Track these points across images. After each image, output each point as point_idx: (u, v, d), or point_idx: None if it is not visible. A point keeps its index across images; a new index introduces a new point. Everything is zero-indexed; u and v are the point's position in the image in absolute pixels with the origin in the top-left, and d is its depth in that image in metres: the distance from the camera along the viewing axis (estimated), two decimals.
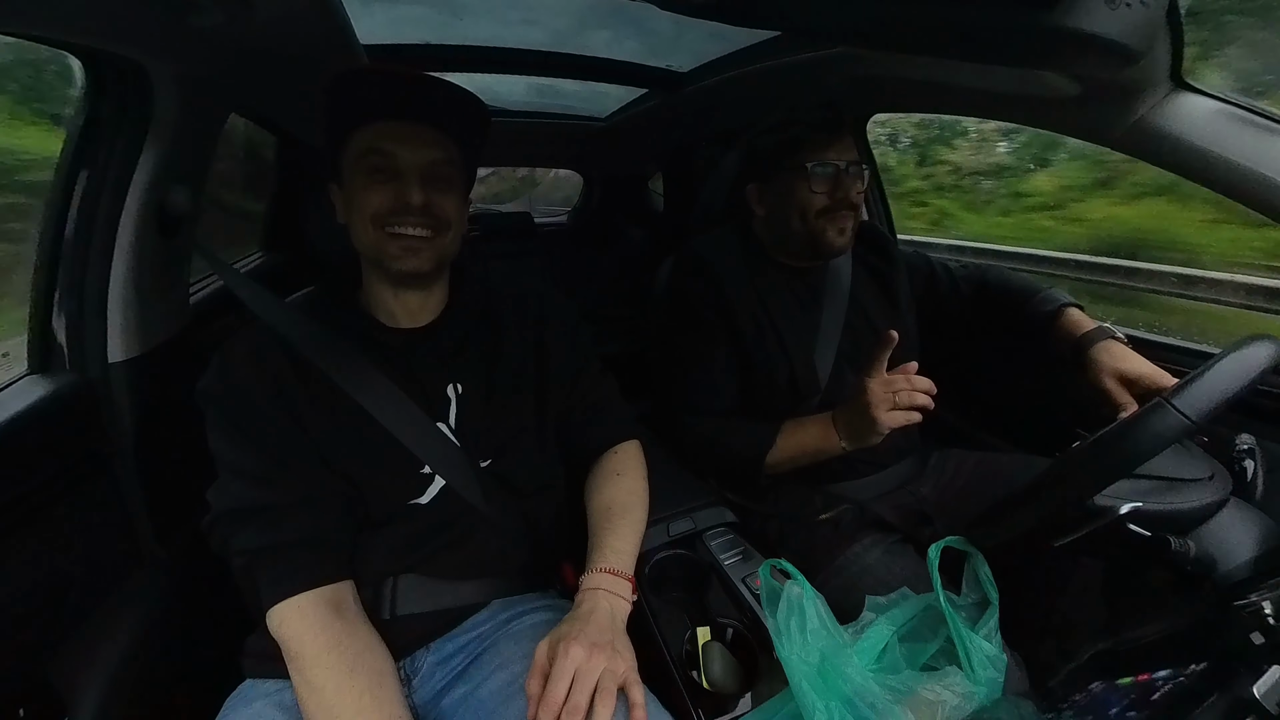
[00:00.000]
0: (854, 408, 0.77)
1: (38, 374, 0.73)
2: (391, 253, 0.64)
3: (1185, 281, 2.10)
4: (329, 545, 0.63)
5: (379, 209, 0.63)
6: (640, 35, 1.40)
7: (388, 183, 0.63)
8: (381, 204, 0.63)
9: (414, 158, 0.63)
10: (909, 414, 0.72)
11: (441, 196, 0.65)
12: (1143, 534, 0.55)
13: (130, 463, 0.77)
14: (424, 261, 0.66)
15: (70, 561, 0.70)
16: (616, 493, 0.76)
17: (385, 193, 0.63)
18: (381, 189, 0.63)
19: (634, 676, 0.55)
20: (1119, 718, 0.43)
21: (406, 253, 0.64)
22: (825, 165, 0.85)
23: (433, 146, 0.64)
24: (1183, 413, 0.52)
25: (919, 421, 0.73)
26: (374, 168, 0.63)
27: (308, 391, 0.65)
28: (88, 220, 0.72)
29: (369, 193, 0.63)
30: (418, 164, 0.63)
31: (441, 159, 0.65)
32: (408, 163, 0.63)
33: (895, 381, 0.73)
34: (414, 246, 0.64)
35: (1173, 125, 0.74)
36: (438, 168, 0.65)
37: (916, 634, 0.67)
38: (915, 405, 0.72)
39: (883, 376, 0.74)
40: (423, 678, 0.66)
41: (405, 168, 0.63)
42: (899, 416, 0.72)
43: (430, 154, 0.64)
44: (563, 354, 0.79)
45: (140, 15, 0.58)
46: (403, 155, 0.63)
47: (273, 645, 0.59)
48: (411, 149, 0.63)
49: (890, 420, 0.72)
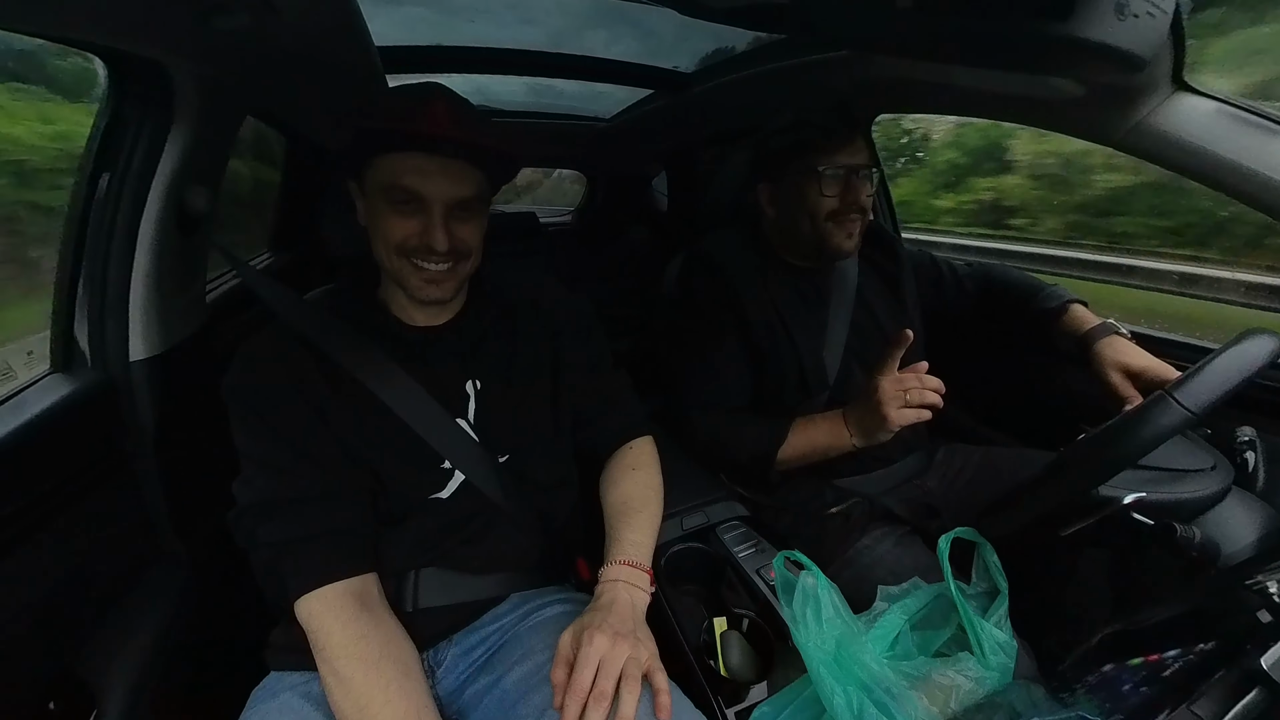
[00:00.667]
0: (865, 405, 0.78)
1: (60, 373, 0.74)
2: (414, 284, 0.65)
3: (1186, 280, 2.13)
4: (354, 538, 0.64)
5: (404, 243, 0.63)
6: (644, 36, 1.41)
7: (412, 216, 0.63)
8: (407, 239, 0.63)
9: (441, 195, 0.62)
10: (920, 412, 0.73)
11: (464, 227, 0.65)
12: (1147, 522, 0.57)
13: (151, 460, 0.78)
14: (446, 291, 0.67)
15: (94, 557, 0.71)
16: (633, 487, 0.77)
17: (410, 226, 0.63)
18: (406, 222, 0.63)
19: (657, 664, 0.56)
20: (1131, 695, 0.44)
21: (429, 284, 0.65)
22: (836, 169, 0.86)
23: (461, 183, 0.63)
24: (1184, 405, 0.53)
25: (929, 419, 0.74)
26: (399, 200, 0.63)
27: (330, 387, 0.65)
28: (110, 220, 0.73)
29: (393, 223, 0.63)
30: (445, 202, 0.63)
31: (470, 196, 0.65)
32: (435, 200, 0.62)
33: (906, 380, 0.74)
34: (437, 278, 0.65)
35: (1174, 126, 0.76)
36: (464, 203, 0.65)
37: (928, 622, 0.69)
38: (925, 404, 0.73)
39: (894, 375, 0.75)
40: (446, 669, 0.68)
41: (431, 205, 0.63)
42: (909, 414, 0.73)
43: (458, 191, 0.63)
44: (577, 350, 0.80)
45: (165, 17, 0.59)
46: (429, 192, 0.62)
47: (297, 638, 0.60)
48: (439, 186, 0.62)
49: (901, 418, 0.73)
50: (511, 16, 1.40)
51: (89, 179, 0.72)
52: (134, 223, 0.74)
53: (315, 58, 0.79)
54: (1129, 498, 0.58)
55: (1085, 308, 0.95)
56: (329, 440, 0.65)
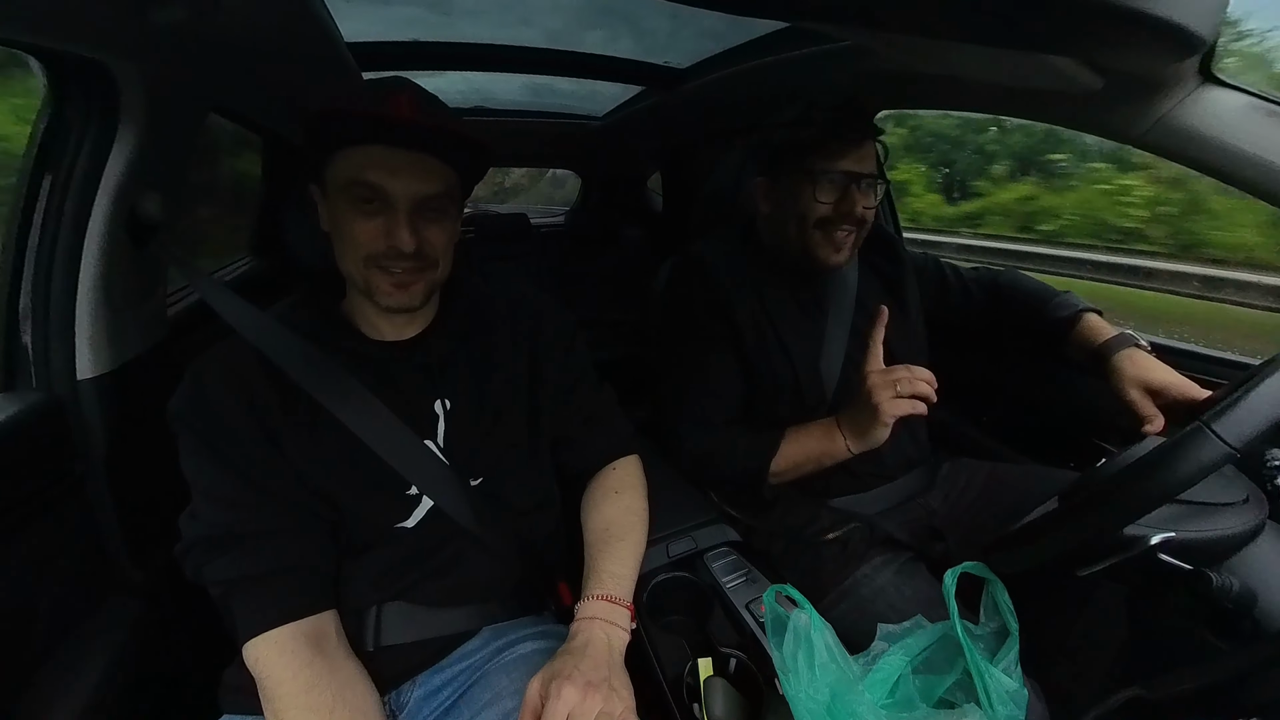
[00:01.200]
0: (856, 402, 0.74)
1: (1, 392, 0.69)
2: (382, 289, 0.60)
3: (1209, 284, 2.05)
4: (308, 574, 0.60)
5: (370, 249, 0.59)
6: (636, 32, 1.35)
7: (376, 215, 0.58)
8: (373, 245, 0.58)
9: (407, 192, 0.58)
10: (913, 403, 0.69)
11: (432, 229, 0.60)
12: (1181, 567, 0.51)
13: (103, 483, 0.74)
14: (414, 296, 0.62)
15: (41, 589, 0.67)
16: (615, 512, 0.73)
17: (375, 229, 0.58)
18: (369, 223, 0.58)
19: (630, 717, 0.52)
20: None
21: (397, 289, 0.61)
22: (835, 174, 0.79)
23: (428, 179, 0.59)
24: (1224, 440, 0.47)
25: (924, 414, 0.70)
26: (362, 199, 0.58)
27: (286, 409, 0.61)
28: (52, 229, 0.68)
29: (356, 225, 0.58)
30: (411, 198, 0.58)
31: (437, 193, 0.60)
32: (399, 196, 0.58)
33: (895, 370, 0.71)
34: (404, 282, 0.61)
35: (1200, 121, 0.70)
36: (431, 201, 0.60)
37: (931, 665, 0.64)
38: (917, 394, 0.69)
39: (881, 367, 0.73)
40: (409, 713, 0.63)
41: (397, 203, 0.58)
42: (903, 404, 0.69)
43: (424, 188, 0.59)
44: (558, 366, 0.75)
45: (99, 13, 0.54)
46: (394, 189, 0.57)
47: (251, 679, 0.56)
48: (404, 182, 0.57)
49: (894, 408, 0.69)
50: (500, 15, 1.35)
51: (29, 185, 0.67)
52: (79, 232, 0.69)
53: (273, 52, 0.74)
54: (1157, 537, 0.52)
55: (1100, 316, 0.89)
56: (283, 468, 0.60)
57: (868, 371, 0.72)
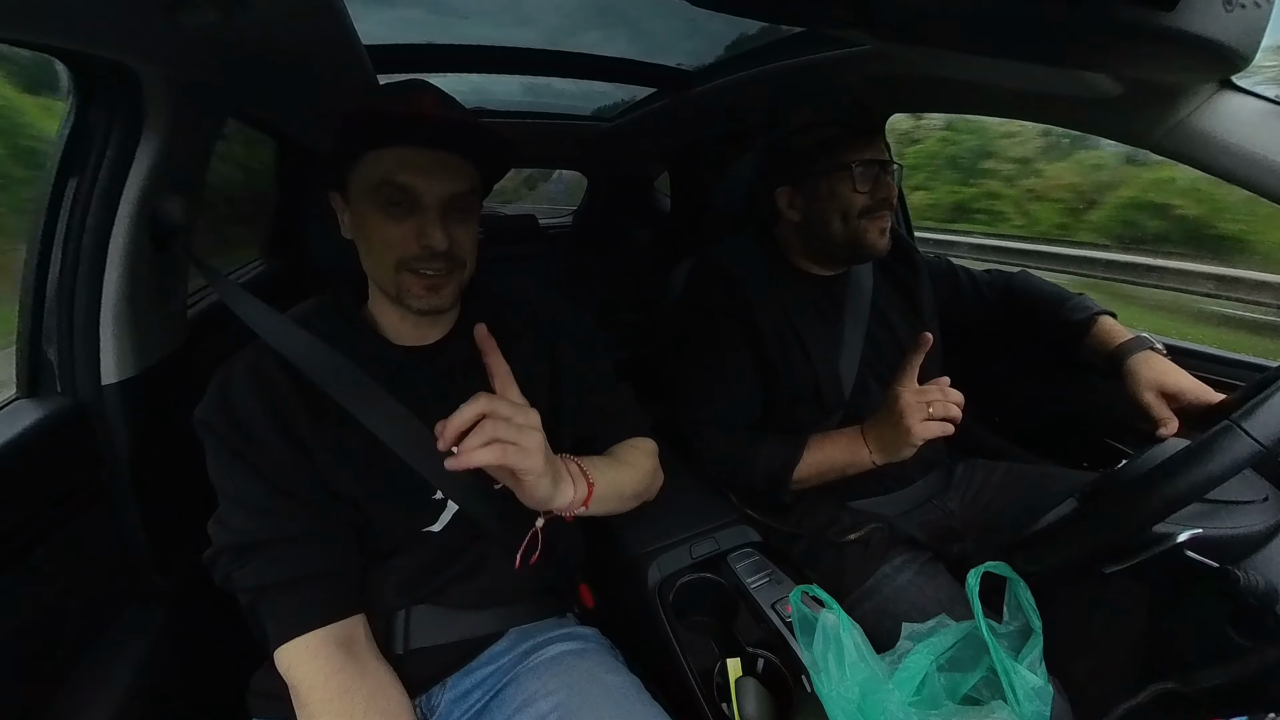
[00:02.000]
0: (885, 419, 0.74)
1: (27, 398, 0.69)
2: (415, 292, 0.60)
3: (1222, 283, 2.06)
4: (337, 579, 0.60)
5: (403, 252, 0.59)
6: (645, 34, 1.36)
7: (406, 218, 0.58)
8: (405, 247, 0.59)
9: (436, 191, 0.58)
10: (943, 425, 0.70)
11: (460, 229, 0.61)
12: (1208, 564, 0.52)
13: (128, 489, 0.73)
14: (446, 298, 0.62)
15: (67, 596, 0.67)
16: (622, 450, 0.75)
17: (405, 230, 0.58)
18: (399, 226, 0.58)
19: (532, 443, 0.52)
20: None
21: (429, 291, 0.60)
22: (869, 165, 0.83)
23: (457, 178, 0.60)
24: (1254, 437, 0.48)
25: (951, 434, 0.71)
26: (391, 201, 0.58)
27: (311, 415, 0.61)
28: (77, 233, 0.68)
29: (386, 228, 0.59)
30: (440, 198, 0.58)
31: (464, 191, 0.60)
32: (430, 196, 0.58)
33: (929, 392, 0.71)
34: (436, 284, 0.61)
35: (1217, 127, 0.71)
36: (460, 200, 0.60)
37: (957, 664, 0.64)
38: (948, 416, 0.70)
39: (915, 386, 0.72)
40: (440, 716, 0.64)
41: (426, 203, 0.58)
42: (934, 427, 0.70)
43: (454, 186, 0.59)
44: (577, 368, 0.75)
45: (126, 16, 0.54)
46: (422, 188, 0.58)
47: (280, 683, 0.57)
48: (434, 182, 0.58)
49: (925, 431, 0.70)
50: (509, 16, 1.36)
51: (54, 190, 0.67)
52: (103, 236, 0.69)
53: (297, 56, 0.74)
54: (1183, 535, 0.53)
55: (1115, 319, 0.90)
56: (310, 475, 0.60)
57: (900, 390, 0.72)
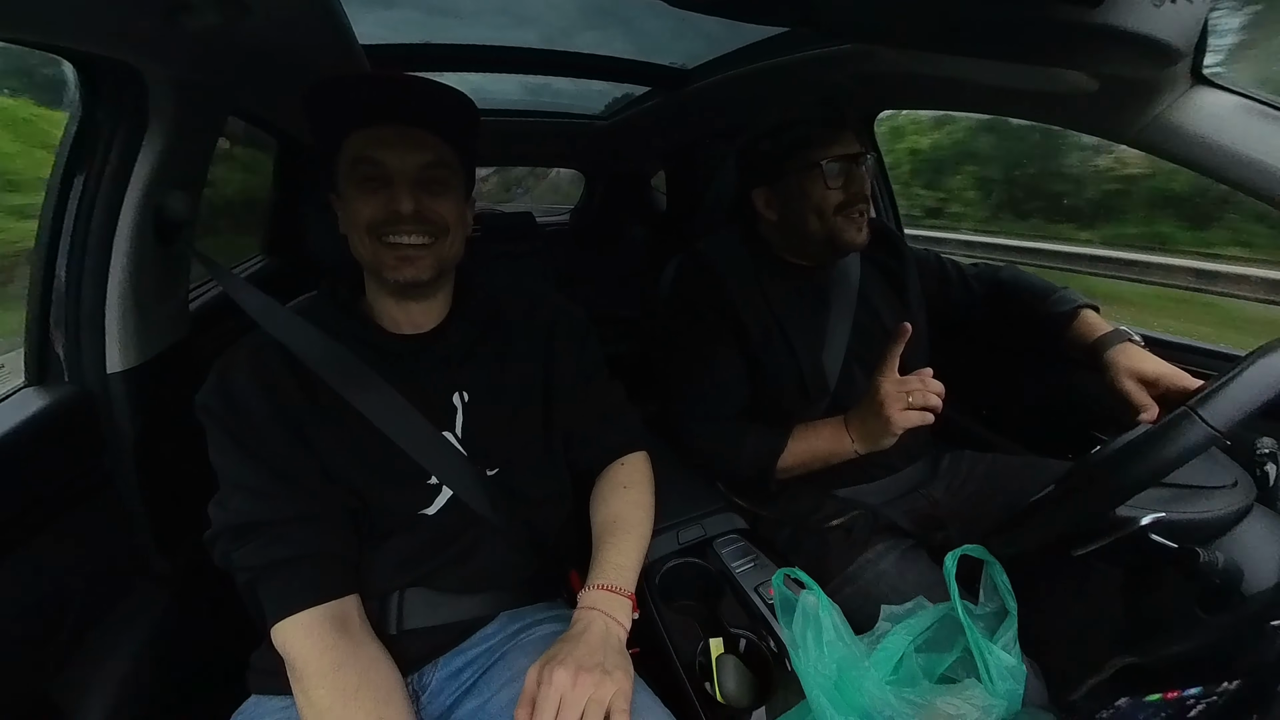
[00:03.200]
0: (867, 408, 0.76)
1: (35, 386, 0.72)
2: (389, 263, 0.62)
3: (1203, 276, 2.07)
4: (333, 560, 0.62)
5: (372, 219, 0.61)
6: (640, 33, 1.38)
7: (379, 191, 0.61)
8: (374, 214, 0.61)
9: (403, 163, 0.61)
10: (923, 414, 0.72)
11: (435, 200, 0.63)
12: (1169, 545, 0.54)
13: (131, 474, 0.76)
14: (422, 270, 0.63)
15: (73, 577, 0.69)
16: (622, 506, 0.74)
17: (377, 202, 0.61)
18: (373, 198, 0.61)
19: (621, 704, 0.53)
20: None
21: (403, 263, 0.62)
22: (837, 160, 0.84)
23: (422, 149, 0.62)
24: (1209, 423, 0.50)
25: (931, 423, 0.72)
26: (365, 177, 0.61)
27: (310, 402, 0.63)
28: (84, 228, 0.71)
29: (361, 203, 0.61)
30: (407, 169, 0.61)
31: (433, 161, 0.63)
32: (397, 168, 0.61)
33: (909, 381, 0.73)
34: (410, 255, 0.62)
35: (1192, 121, 0.73)
36: (429, 170, 0.62)
37: (933, 644, 0.66)
38: (928, 406, 0.72)
39: (895, 376, 0.74)
40: (431, 693, 0.65)
41: (395, 174, 0.61)
42: (913, 416, 0.72)
43: (419, 157, 0.62)
44: (572, 362, 0.77)
45: (133, 18, 0.57)
46: (391, 161, 0.61)
47: (278, 661, 0.58)
48: (399, 154, 0.61)
49: (905, 420, 0.72)
50: (506, 16, 1.37)
51: (61, 185, 0.70)
52: (109, 230, 0.71)
53: (295, 56, 0.76)
54: (1147, 518, 0.55)
55: (1097, 313, 0.92)
56: (308, 459, 0.62)
57: (880, 381, 0.74)
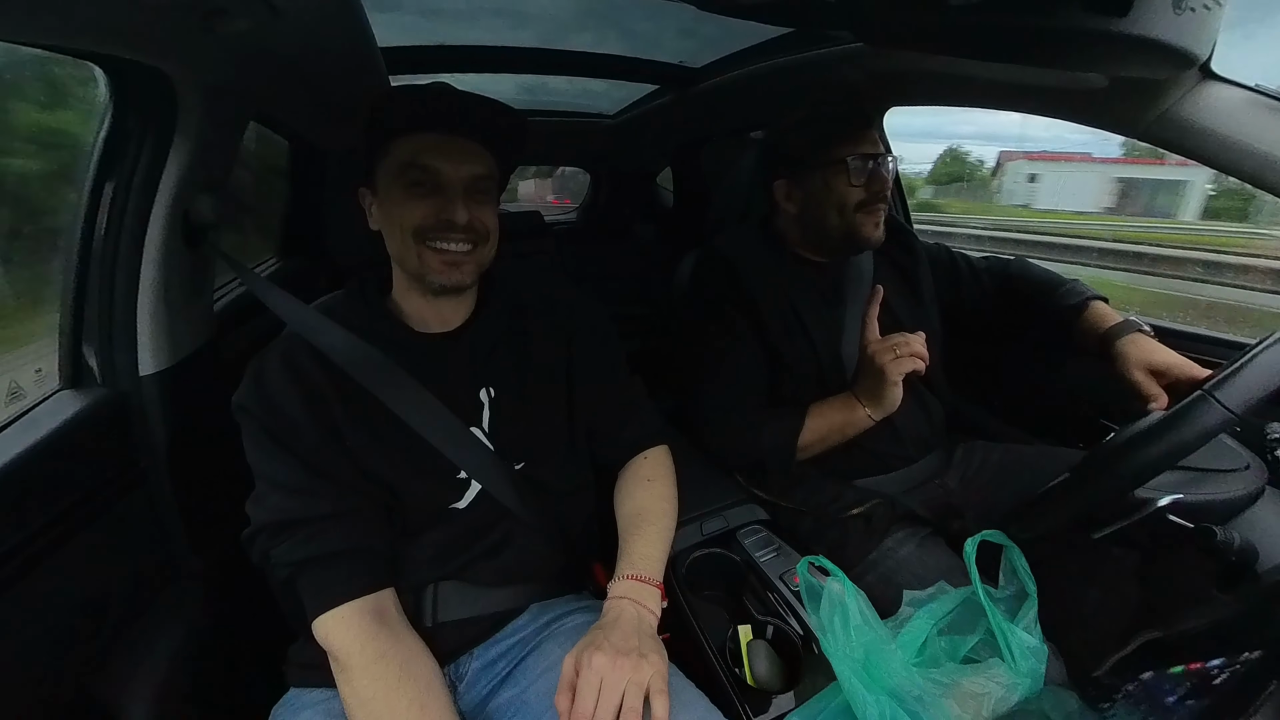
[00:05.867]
0: (865, 370, 0.83)
1: (69, 389, 0.73)
2: (434, 267, 0.64)
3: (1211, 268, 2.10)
4: (369, 555, 0.63)
5: (421, 223, 0.63)
6: (649, 32, 1.39)
7: (429, 196, 0.63)
8: (424, 219, 0.63)
9: (458, 173, 0.63)
10: (914, 360, 0.78)
11: (480, 209, 0.65)
12: (1185, 525, 0.55)
13: (165, 475, 0.77)
14: (465, 275, 0.66)
15: (111, 577, 0.70)
16: (647, 499, 0.76)
17: (427, 207, 0.63)
18: (422, 203, 0.63)
19: (659, 684, 0.54)
20: (1177, 707, 0.43)
21: (449, 267, 0.65)
22: (862, 158, 0.86)
23: (476, 161, 0.65)
24: (1225, 405, 0.52)
25: (923, 370, 0.79)
26: (415, 181, 0.63)
27: (342, 400, 0.64)
28: (115, 232, 0.71)
29: (409, 206, 0.63)
30: (461, 179, 0.64)
31: (483, 174, 0.65)
32: (451, 178, 0.63)
33: (892, 338, 0.80)
34: (456, 260, 0.65)
35: (1201, 116, 0.74)
36: (479, 182, 0.65)
37: (956, 627, 0.68)
38: (915, 354, 0.78)
39: (877, 336, 0.82)
40: (468, 683, 0.67)
41: (449, 183, 0.63)
42: (905, 363, 0.78)
43: (473, 169, 0.64)
44: (593, 356, 0.79)
45: (166, 23, 0.57)
46: (446, 171, 0.63)
47: (317, 654, 0.60)
48: (455, 164, 0.63)
49: (898, 367, 0.78)
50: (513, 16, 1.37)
51: (92, 191, 0.71)
52: (139, 234, 0.72)
53: (319, 60, 0.77)
54: (1165, 499, 0.56)
55: (1106, 304, 0.93)
56: (342, 456, 0.64)
57: (866, 342, 0.82)
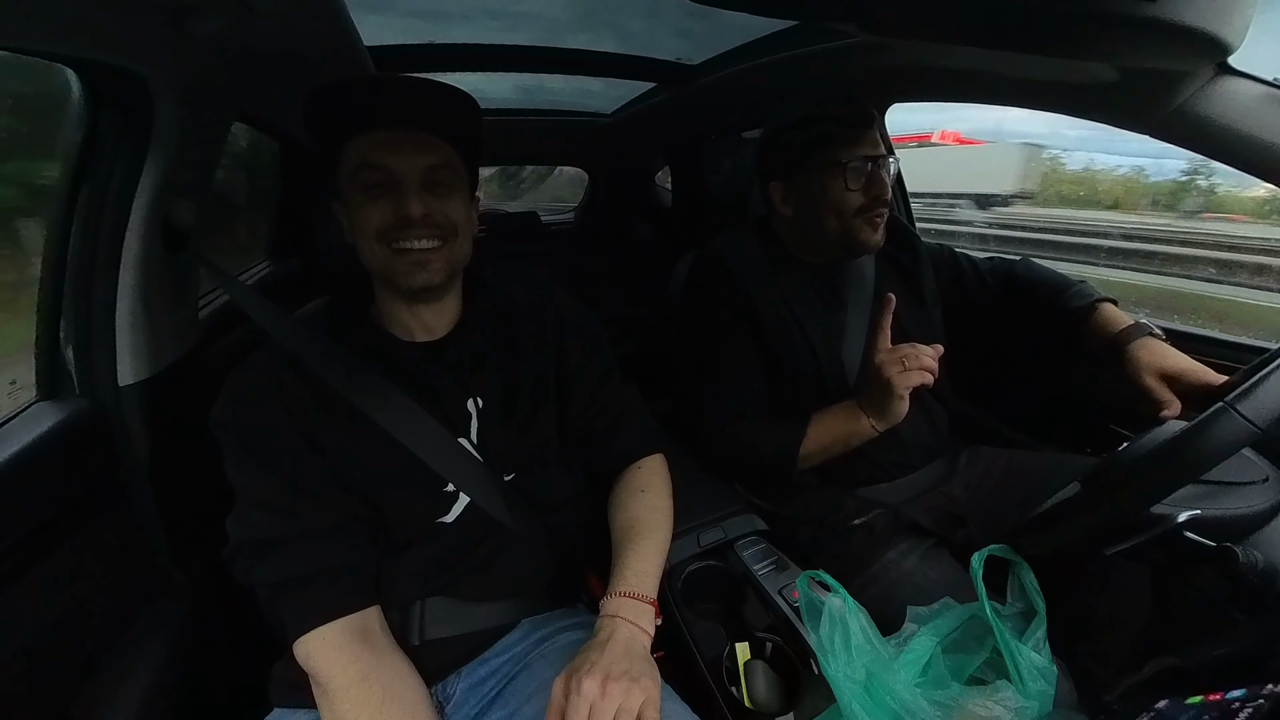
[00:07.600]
0: (871, 381, 0.79)
1: (47, 400, 0.71)
2: (401, 269, 0.61)
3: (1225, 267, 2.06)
4: (352, 573, 0.61)
5: (381, 225, 0.60)
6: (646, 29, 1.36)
7: (385, 196, 0.60)
8: (383, 220, 0.60)
9: (408, 166, 0.60)
10: (922, 374, 0.74)
11: (442, 202, 0.62)
12: (1206, 544, 0.53)
13: (146, 487, 0.75)
14: (435, 274, 0.62)
15: (90, 592, 0.69)
16: (640, 510, 0.73)
17: (384, 208, 0.60)
18: (380, 204, 0.60)
19: (651, 712, 0.52)
20: None
21: (416, 268, 0.61)
22: (860, 161, 0.82)
23: (426, 151, 0.61)
24: (1249, 419, 0.49)
25: (931, 383, 0.75)
26: (369, 183, 0.60)
27: (324, 413, 0.62)
28: (92, 239, 0.69)
29: (368, 209, 0.60)
30: (413, 172, 0.60)
31: (438, 163, 0.61)
32: (402, 172, 0.59)
33: (900, 348, 0.76)
34: (422, 260, 0.61)
35: (1216, 110, 0.71)
36: (435, 173, 0.61)
37: (961, 645, 0.66)
38: (924, 368, 0.74)
39: (888, 345, 0.78)
40: (456, 704, 0.65)
41: (401, 178, 0.60)
42: (913, 376, 0.74)
43: (425, 159, 0.60)
44: (583, 364, 0.76)
45: (136, 23, 0.55)
46: (396, 165, 0.59)
47: (301, 674, 0.58)
48: (404, 157, 0.59)
49: (905, 380, 0.74)
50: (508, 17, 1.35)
51: (68, 196, 0.68)
52: (117, 241, 0.70)
53: (301, 58, 0.75)
54: (1183, 515, 0.54)
55: (1115, 306, 0.90)
56: (324, 471, 0.61)
57: (874, 351, 0.78)
